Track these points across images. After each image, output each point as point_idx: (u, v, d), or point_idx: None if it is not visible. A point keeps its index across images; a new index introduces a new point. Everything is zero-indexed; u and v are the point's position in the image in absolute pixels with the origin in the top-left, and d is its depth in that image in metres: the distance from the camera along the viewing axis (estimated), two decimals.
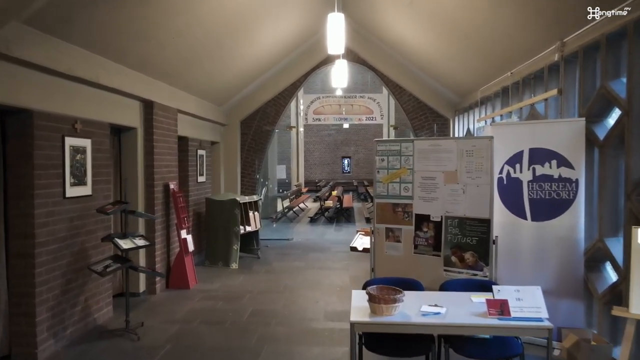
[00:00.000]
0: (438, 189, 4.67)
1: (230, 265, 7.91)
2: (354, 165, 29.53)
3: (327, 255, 9.04)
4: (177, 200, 6.57)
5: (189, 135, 8.01)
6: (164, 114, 6.59)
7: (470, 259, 4.49)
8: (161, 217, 6.48)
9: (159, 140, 6.43)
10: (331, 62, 10.17)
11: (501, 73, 6.51)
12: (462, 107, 9.19)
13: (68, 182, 4.56)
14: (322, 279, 7.17)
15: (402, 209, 4.89)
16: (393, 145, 4.94)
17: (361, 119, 10.69)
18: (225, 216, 8.00)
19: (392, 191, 4.94)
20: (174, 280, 6.59)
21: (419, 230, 4.79)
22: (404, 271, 4.88)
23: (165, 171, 6.63)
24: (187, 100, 7.56)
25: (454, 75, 8.42)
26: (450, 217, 4.59)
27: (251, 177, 10.45)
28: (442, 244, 4.65)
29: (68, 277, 4.60)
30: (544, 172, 4.45)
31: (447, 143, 4.65)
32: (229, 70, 8.06)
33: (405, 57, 9.40)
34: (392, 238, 4.96)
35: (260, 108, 10.29)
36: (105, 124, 5.30)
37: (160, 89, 6.47)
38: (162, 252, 6.52)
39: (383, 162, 5.00)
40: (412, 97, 10.11)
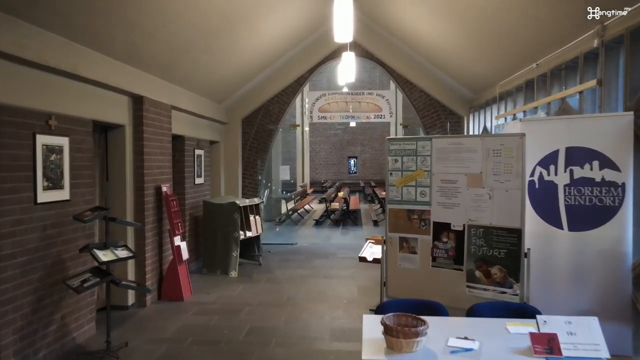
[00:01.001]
0: (460, 194, 4.09)
1: (229, 274, 7.37)
2: (361, 165, 28.94)
3: (333, 261, 8.48)
4: (170, 204, 6.03)
5: (186, 133, 7.48)
6: (156, 111, 6.06)
7: (498, 274, 3.91)
8: (152, 223, 5.95)
9: (150, 139, 5.90)
10: (337, 57, 9.61)
11: (525, 65, 5.92)
12: (477, 104, 8.60)
13: (40, 186, 4.03)
14: (328, 289, 6.61)
15: (418, 217, 4.31)
16: (408, 144, 4.37)
17: (369, 117, 10.11)
18: (223, 221, 7.46)
19: (407, 196, 4.37)
20: (167, 291, 6.05)
21: (438, 241, 4.21)
22: (420, 287, 4.31)
23: (157, 173, 6.10)
24: (182, 96, 7.03)
25: (469, 69, 7.83)
26: (475, 226, 4.01)
27: (253, 178, 9.91)
28: (465, 257, 4.07)
29: (40, 293, 4.07)
30: (584, 174, 3.86)
31: (471, 141, 4.07)
32: (228, 64, 7.52)
33: (416, 51, 8.81)
34: (406, 249, 4.38)
35: (262, 105, 9.74)
36: (87, 120, 4.77)
37: (151, 83, 5.94)
38: (153, 260, 5.99)
39: (396, 163, 4.43)
40: (423, 94, 9.53)
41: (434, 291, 4.21)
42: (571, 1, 4.23)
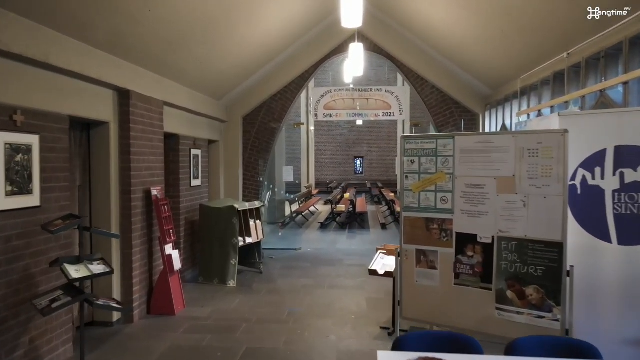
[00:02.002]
0: (488, 201, 3.51)
1: (227, 283, 6.82)
2: (367, 165, 28.34)
3: (339, 269, 7.91)
4: (160, 209, 5.49)
5: (180, 132, 6.94)
6: (146, 107, 5.53)
7: (534, 295, 3.33)
8: (141, 230, 5.41)
9: (139, 137, 5.36)
10: (345, 52, 9.05)
11: (553, 55, 5.32)
12: (494, 100, 7.99)
13: (2, 191, 3.49)
14: (334, 302, 6.04)
15: (438, 226, 3.74)
16: (427, 143, 3.79)
17: (378, 115, 9.52)
18: (221, 226, 6.92)
19: (426, 202, 3.79)
20: (157, 304, 5.51)
21: (462, 255, 3.64)
22: (441, 308, 3.74)
23: (147, 175, 5.56)
24: (176, 91, 6.49)
25: (487, 62, 7.23)
26: (506, 239, 3.44)
27: (255, 180, 9.36)
28: (494, 274, 3.49)
29: (4, 314, 3.54)
30: (637, 178, 3.27)
31: (502, 139, 3.49)
32: (226, 57, 6.97)
33: (428, 43, 8.22)
34: (425, 263, 3.81)
35: (265, 103, 9.18)
36: (62, 116, 4.24)
37: (140, 76, 5.41)
38: (142, 271, 5.45)
39: (413, 164, 3.85)
40: (436, 90, 8.93)
41: (457, 313, 3.64)
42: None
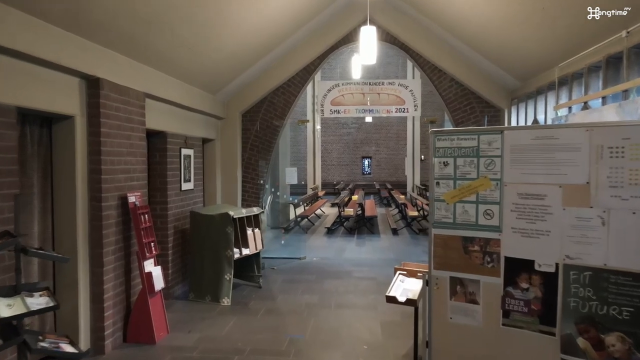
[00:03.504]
0: (551, 216, 2.64)
1: (221, 301, 5.99)
2: (375, 166, 27.44)
3: (347, 283, 7.05)
4: (139, 218, 4.67)
5: (168, 129, 6.12)
6: (122, 99, 4.71)
7: (618, 346, 2.46)
8: (115, 244, 4.59)
9: (113, 134, 4.54)
10: (354, 42, 8.20)
11: (605, 36, 4.43)
12: (523, 93, 7.10)
13: None
14: (342, 326, 5.19)
15: (480, 248, 2.87)
16: (465, 139, 2.92)
17: (390, 111, 8.65)
18: (214, 236, 6.09)
19: (463, 216, 2.93)
20: (134, 331, 4.69)
21: (514, 287, 2.77)
22: (484, 355, 2.87)
23: (123, 178, 4.74)
24: (162, 82, 5.67)
25: (517, 49, 6.33)
26: (576, 268, 2.57)
27: (255, 182, 8.53)
28: (559, 314, 2.62)
29: None
30: None
31: (570, 134, 2.62)
32: (220, 43, 6.13)
33: (448, 29, 7.33)
34: (462, 295, 2.95)
35: (266, 97, 8.35)
36: (7, 107, 3.42)
37: (114, 61, 4.59)
38: (116, 292, 4.63)
39: (446, 167, 2.99)
40: (455, 83, 8.05)
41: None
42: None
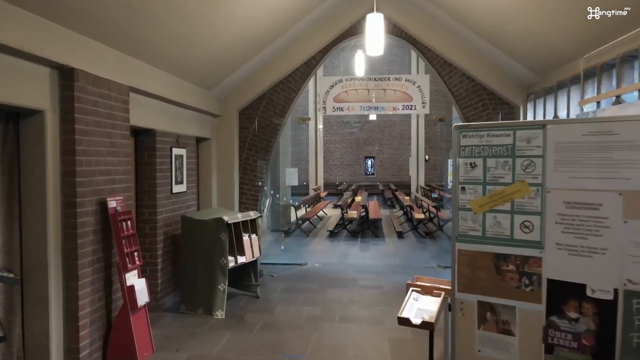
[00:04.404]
0: (608, 230, 2.15)
1: (214, 314, 5.50)
2: (378, 166, 26.92)
3: (351, 292, 6.56)
4: (119, 226, 4.18)
5: (157, 127, 5.64)
6: (102, 92, 4.23)
7: None
8: (93, 255, 4.10)
9: (90, 131, 4.06)
10: (358, 35, 7.72)
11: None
12: (541, 88, 6.59)
13: None
14: (346, 344, 4.70)
15: (517, 268, 2.38)
16: (497, 136, 2.42)
17: (397, 108, 8.15)
18: (207, 243, 5.60)
19: (495, 229, 2.43)
20: (115, 351, 4.20)
21: (559, 316, 2.27)
22: None
23: (103, 181, 4.26)
24: (150, 75, 5.19)
25: (537, 39, 5.81)
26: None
27: (253, 184, 8.04)
28: (618, 352, 2.12)
29: None
30: None
31: (636, 128, 2.12)
32: (214, 34, 5.64)
33: (459, 19, 6.82)
34: (493, 324, 2.45)
35: (265, 94, 7.87)
36: None
37: (92, 51, 4.10)
38: (94, 308, 4.14)
39: (474, 169, 2.49)
40: (465, 78, 7.56)
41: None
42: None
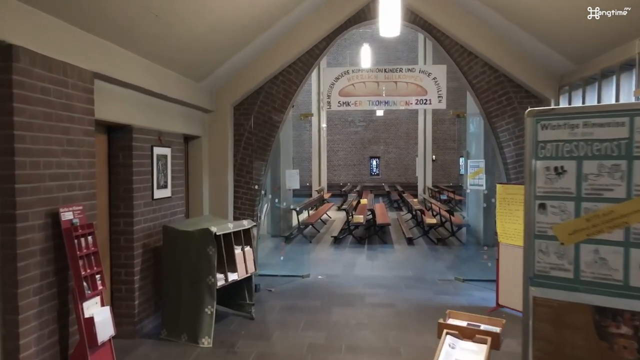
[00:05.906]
0: None
1: (200, 341, 4.67)
2: (384, 166, 26.08)
3: (360, 312, 5.71)
4: (73, 243, 3.35)
5: (134, 122, 4.81)
6: (55, 78, 3.41)
7: None
8: (41, 280, 3.28)
9: (37, 126, 3.24)
10: (367, 21, 6.90)
11: None
12: (579, 78, 5.74)
13: None
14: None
15: (635, 330, 1.54)
16: (601, 125, 1.58)
17: (409, 102, 7.31)
18: (192, 258, 4.78)
19: (595, 269, 1.59)
20: None
21: None
22: None
23: (56, 187, 3.44)
24: (121, 60, 4.36)
25: (578, 20, 4.94)
26: None
27: (250, 188, 7.22)
28: None
29: None
30: None
31: None
32: (202, 12, 4.82)
33: (484, 1, 5.98)
34: None
35: (263, 87, 7.05)
36: None
37: (40, 25, 3.28)
38: (44, 346, 3.32)
39: (561, 177, 1.64)
40: (488, 69, 6.73)
41: None
42: None
